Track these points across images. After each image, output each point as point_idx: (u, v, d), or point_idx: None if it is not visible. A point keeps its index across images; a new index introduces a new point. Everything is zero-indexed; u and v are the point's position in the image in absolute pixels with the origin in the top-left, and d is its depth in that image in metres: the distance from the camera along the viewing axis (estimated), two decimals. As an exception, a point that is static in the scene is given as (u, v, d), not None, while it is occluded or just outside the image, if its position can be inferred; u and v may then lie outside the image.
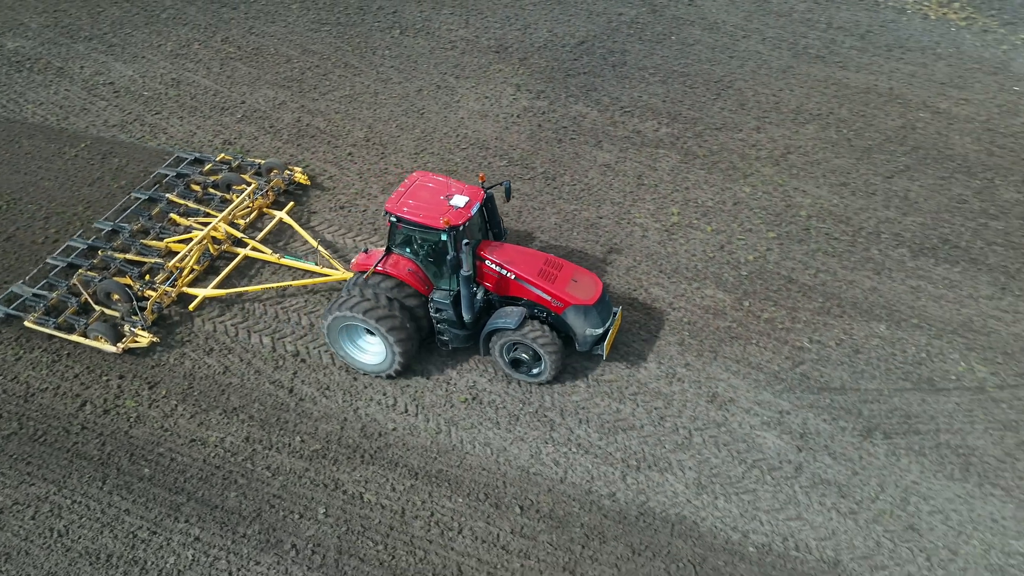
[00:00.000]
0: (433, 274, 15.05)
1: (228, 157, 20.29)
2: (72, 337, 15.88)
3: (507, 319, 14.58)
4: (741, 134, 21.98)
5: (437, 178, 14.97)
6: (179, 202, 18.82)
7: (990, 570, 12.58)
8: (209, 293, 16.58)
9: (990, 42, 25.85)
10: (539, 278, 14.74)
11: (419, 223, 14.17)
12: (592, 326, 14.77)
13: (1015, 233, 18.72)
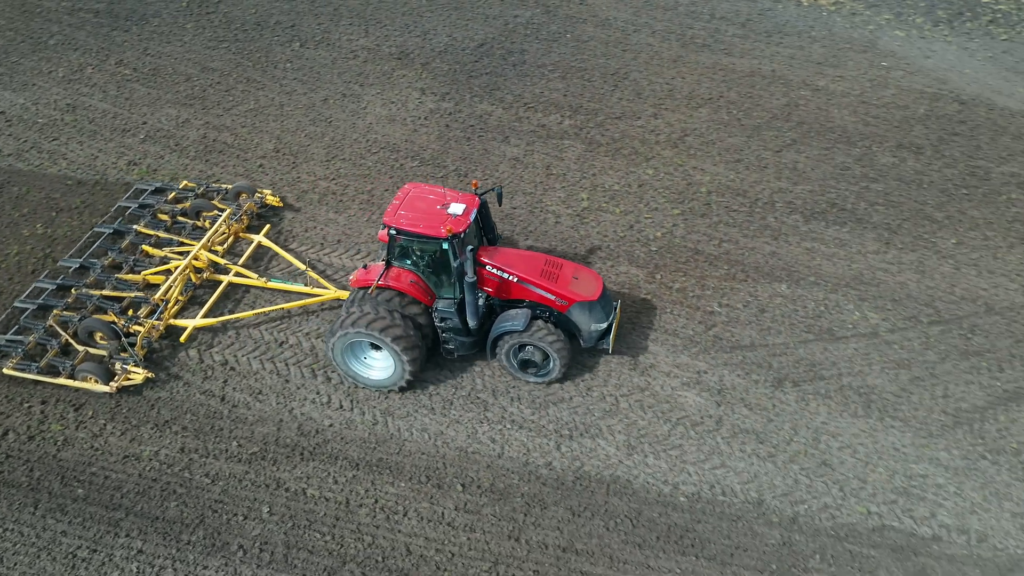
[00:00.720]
0: (434, 284, 15.03)
1: (192, 184, 19.76)
2: (59, 380, 15.11)
3: (514, 322, 14.75)
4: (640, 121, 23.07)
5: (430, 188, 15.01)
6: (149, 233, 18.17)
7: (895, 492, 13.74)
8: (199, 323, 16.13)
9: (858, 23, 27.86)
10: (542, 278, 14.98)
11: (420, 233, 14.17)
12: (596, 321, 15.11)
13: (893, 193, 20.32)
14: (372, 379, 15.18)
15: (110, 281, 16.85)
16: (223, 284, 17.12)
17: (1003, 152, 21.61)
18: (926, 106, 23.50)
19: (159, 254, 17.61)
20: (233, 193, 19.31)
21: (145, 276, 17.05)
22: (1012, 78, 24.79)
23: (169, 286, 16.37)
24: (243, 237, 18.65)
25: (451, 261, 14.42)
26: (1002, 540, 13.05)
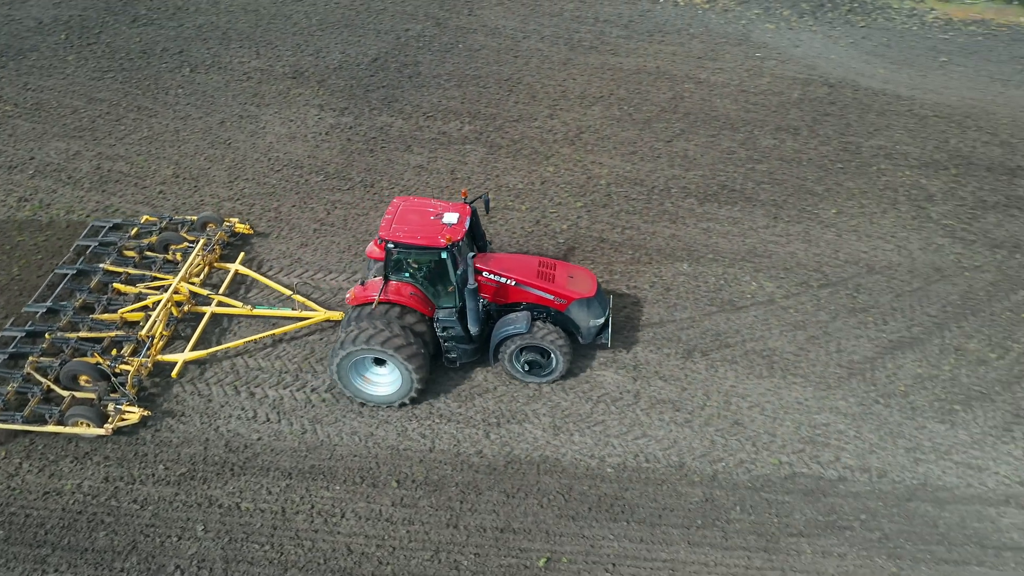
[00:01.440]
0: (433, 294, 15.10)
1: (153, 218, 19.23)
2: (48, 428, 14.43)
3: (516, 325, 14.99)
4: (537, 122, 23.88)
5: (419, 200, 15.16)
6: (118, 270, 17.62)
7: (802, 442, 14.77)
8: (188, 356, 15.76)
9: (731, 19, 29.59)
10: (540, 280, 15.29)
11: (419, 245, 14.26)
12: (595, 317, 15.48)
13: (776, 172, 21.74)
14: (379, 395, 15.13)
15: (85, 322, 16.27)
16: (206, 315, 16.75)
17: (870, 128, 23.42)
18: (799, 91, 25.21)
19: (133, 291, 17.05)
20: (200, 223, 18.90)
21: (122, 314, 16.44)
22: (872, 61, 26.86)
23: (153, 321, 15.91)
24: (218, 267, 18.27)
25: (450, 270, 14.62)
26: (899, 474, 14.22)
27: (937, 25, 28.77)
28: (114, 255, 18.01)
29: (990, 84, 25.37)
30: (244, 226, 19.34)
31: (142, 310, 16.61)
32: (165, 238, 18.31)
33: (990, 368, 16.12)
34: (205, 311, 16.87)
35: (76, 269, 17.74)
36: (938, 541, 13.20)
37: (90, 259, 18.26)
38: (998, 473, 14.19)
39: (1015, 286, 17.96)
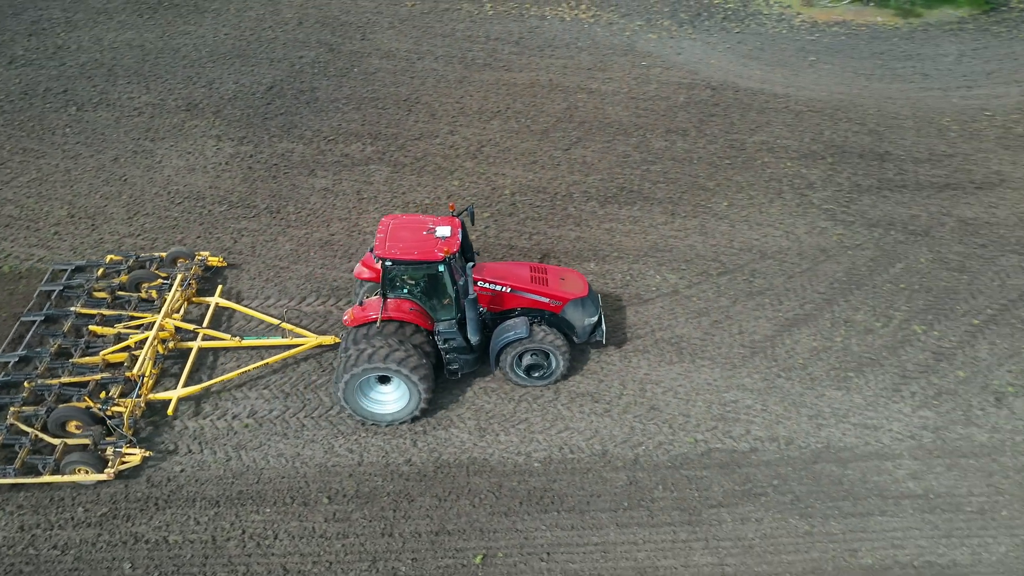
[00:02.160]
0: (431, 308, 15.32)
1: (118, 257, 18.78)
2: (44, 479, 13.93)
3: (516, 331, 15.27)
4: (438, 139, 24.34)
5: (408, 216, 15.43)
6: (91, 312, 17.09)
7: (715, 420, 15.59)
8: (182, 393, 15.43)
9: (616, 32, 30.91)
10: (534, 285, 15.72)
11: (416, 260, 14.49)
12: (589, 316, 15.95)
13: (670, 172, 22.84)
14: (387, 413, 15.15)
15: (66, 367, 15.81)
16: (194, 351, 16.43)
17: (752, 125, 24.90)
18: (684, 95, 26.56)
19: (111, 332, 16.62)
20: (169, 259, 18.54)
21: (104, 356, 15.99)
22: (749, 63, 28.56)
23: (142, 360, 15.49)
24: (197, 301, 17.88)
25: (448, 282, 14.88)
26: (804, 440, 15.19)
27: (804, 28, 30.83)
28: (84, 297, 17.51)
29: (855, 79, 27.36)
30: (217, 259, 19.05)
31: (124, 350, 16.18)
32: (136, 276, 17.92)
33: (876, 336, 17.40)
34: (191, 346, 16.58)
35: (44, 315, 17.17)
36: (844, 497, 14.17)
37: (57, 303, 17.68)
38: (891, 430, 15.34)
39: (892, 260, 19.44)
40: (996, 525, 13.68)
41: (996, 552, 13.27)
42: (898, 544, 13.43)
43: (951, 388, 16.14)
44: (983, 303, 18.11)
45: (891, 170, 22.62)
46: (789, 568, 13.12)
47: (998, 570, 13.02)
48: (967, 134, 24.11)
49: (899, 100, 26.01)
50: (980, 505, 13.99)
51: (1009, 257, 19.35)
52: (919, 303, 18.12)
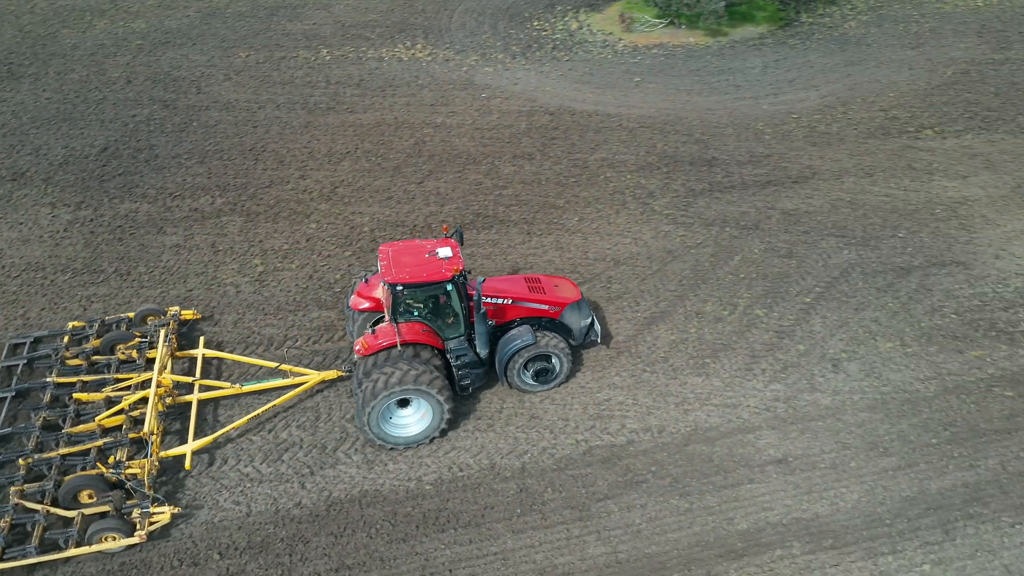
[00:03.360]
0: (440, 327, 15.75)
1: (80, 323, 18.15)
2: (69, 553, 13.31)
3: (522, 339, 15.95)
4: (290, 185, 24.28)
5: (404, 243, 16.02)
6: (70, 381, 16.52)
7: (592, 419, 16.41)
8: (196, 446, 15.18)
9: (453, 67, 31.97)
10: (533, 294, 16.49)
11: (426, 281, 14.98)
12: (584, 318, 16.85)
13: (521, 194, 23.85)
14: (411, 435, 15.42)
15: (60, 438, 15.22)
16: (194, 403, 16.13)
17: (591, 144, 26.43)
18: (525, 121, 27.83)
19: (100, 397, 16.12)
20: (139, 318, 18.07)
21: (100, 422, 15.51)
22: (581, 88, 30.30)
23: (150, 418, 15.13)
24: (180, 356, 17.48)
25: (456, 300, 15.45)
26: (674, 426, 16.28)
27: (627, 52, 33.08)
28: (58, 366, 16.91)
29: (678, 95, 29.64)
30: (190, 312, 18.69)
31: (119, 413, 15.73)
32: (111, 339, 17.38)
33: (725, 323, 18.90)
34: (190, 399, 16.28)
35: (14, 390, 16.54)
36: (715, 472, 15.30)
37: (25, 376, 17.04)
38: (749, 406, 16.72)
39: (730, 254, 21.18)
40: (848, 476, 15.19)
41: (850, 500, 14.73)
42: (767, 507, 14.64)
43: (795, 361, 17.78)
44: (812, 283, 20.07)
45: (719, 173, 24.66)
46: (675, 545, 14.00)
47: (853, 515, 14.45)
48: (779, 136, 26.68)
49: (718, 111, 28.41)
50: (832, 461, 15.48)
51: (828, 240, 21.56)
52: (758, 289, 19.84)
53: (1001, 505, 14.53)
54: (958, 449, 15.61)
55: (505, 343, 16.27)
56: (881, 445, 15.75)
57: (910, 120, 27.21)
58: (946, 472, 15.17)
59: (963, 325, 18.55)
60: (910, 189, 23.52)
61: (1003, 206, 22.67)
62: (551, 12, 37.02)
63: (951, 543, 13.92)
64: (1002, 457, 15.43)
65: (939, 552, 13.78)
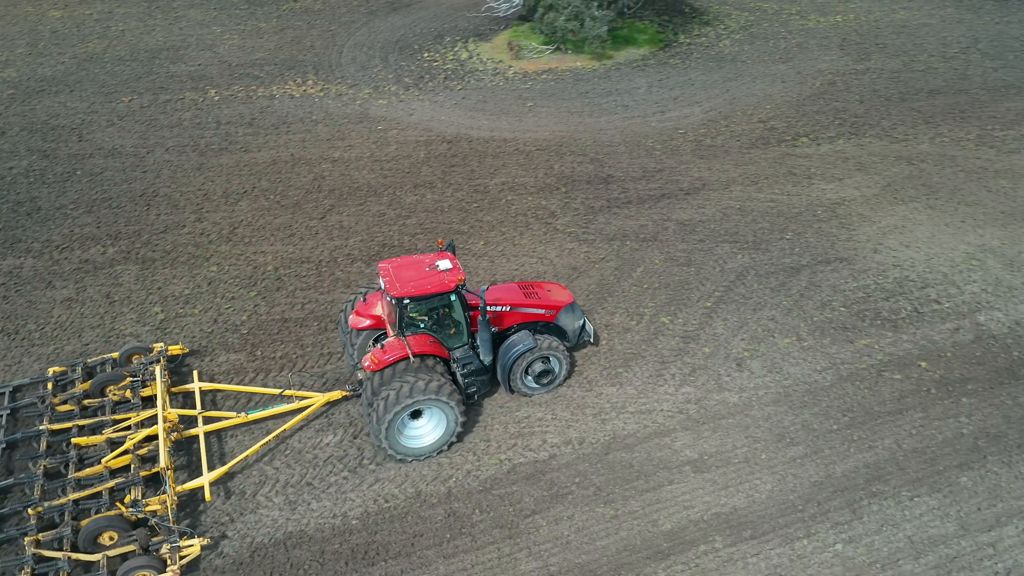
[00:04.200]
0: (444, 337, 16.26)
1: (61, 368, 17.62)
2: None
3: (523, 343, 16.47)
4: (186, 228, 23.63)
5: (402, 258, 16.37)
6: (64, 427, 16.20)
7: (513, 437, 16.54)
8: (212, 477, 15.12)
9: (347, 102, 31.95)
10: (530, 299, 17.09)
11: (432, 293, 15.41)
12: (577, 319, 17.62)
13: (425, 223, 23.98)
14: (427, 445, 15.74)
15: (69, 484, 14.88)
16: (200, 436, 16.05)
17: (490, 169, 26.89)
18: (424, 151, 28.07)
19: (100, 439, 15.93)
20: (124, 358, 17.72)
21: (107, 463, 15.22)
22: (476, 115, 30.82)
23: (163, 454, 15.06)
24: (176, 391, 17.35)
25: (459, 309, 16.03)
26: (594, 436, 16.63)
27: (517, 78, 33.88)
28: (48, 413, 16.50)
29: (570, 117, 30.55)
30: (176, 347, 18.41)
31: (125, 453, 15.49)
32: (100, 381, 17.03)
33: (634, 333, 19.49)
34: (196, 432, 16.18)
35: (4, 442, 16.14)
36: (636, 477, 15.71)
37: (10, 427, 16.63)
38: (663, 410, 17.27)
39: (632, 266, 21.90)
40: (760, 469, 15.88)
41: (764, 491, 15.41)
42: (688, 505, 15.13)
43: (702, 364, 18.50)
44: (711, 288, 20.97)
45: (615, 190, 25.51)
46: (605, 552, 14.28)
47: (768, 505, 15.12)
48: (669, 151, 27.85)
49: (609, 130, 29.43)
50: (744, 455, 16.16)
51: (722, 246, 22.59)
52: (661, 298, 20.58)
53: (900, 481, 15.50)
54: (857, 432, 16.57)
55: (507, 349, 16.74)
56: (788, 436, 16.55)
57: (787, 129, 28.93)
58: (848, 455, 16.07)
59: (851, 317, 19.77)
60: (792, 194, 24.96)
61: (876, 204, 24.35)
62: (440, 43, 37.57)
63: (859, 521, 14.74)
64: (896, 436, 16.48)
65: (849, 531, 14.57)
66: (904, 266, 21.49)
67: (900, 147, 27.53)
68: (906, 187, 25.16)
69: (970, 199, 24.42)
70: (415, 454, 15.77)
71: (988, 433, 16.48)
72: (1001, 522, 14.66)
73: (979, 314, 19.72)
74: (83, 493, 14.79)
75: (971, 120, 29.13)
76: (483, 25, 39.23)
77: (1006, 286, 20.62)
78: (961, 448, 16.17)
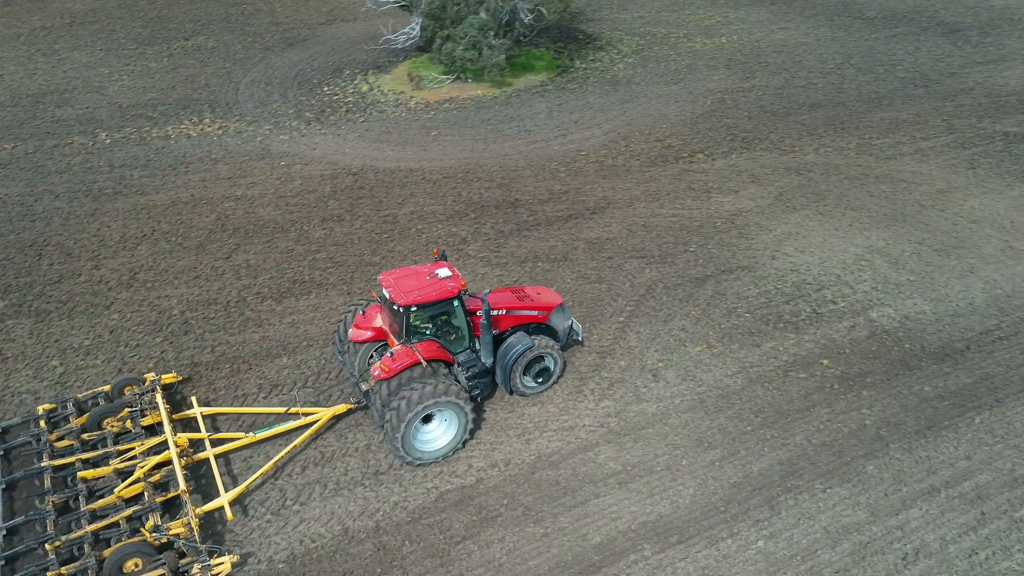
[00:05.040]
0: (448, 343, 16.87)
1: (50, 405, 17.33)
2: None
3: (521, 344, 17.15)
4: (82, 277, 22.65)
5: (401, 269, 16.85)
6: (67, 462, 15.99)
7: (439, 464, 16.49)
8: (231, 496, 15.28)
9: (247, 139, 31.40)
10: (523, 303, 17.70)
11: (438, 299, 16.00)
12: (566, 319, 18.44)
13: (335, 256, 23.73)
14: (441, 447, 16.30)
15: (83, 517, 14.81)
16: (211, 459, 16.12)
17: (398, 200, 26.88)
18: (330, 184, 27.83)
19: (108, 471, 15.76)
20: (117, 390, 17.44)
21: (120, 493, 15.20)
22: (381, 147, 30.80)
23: (181, 478, 15.23)
24: (177, 418, 17.18)
25: (461, 314, 16.64)
26: (519, 457, 16.73)
27: (420, 108, 34.08)
28: (47, 449, 16.29)
29: (474, 144, 30.91)
30: (169, 375, 18.27)
31: (136, 482, 15.42)
32: (97, 414, 16.77)
33: (551, 352, 19.76)
34: (207, 456, 16.21)
35: (4, 483, 15.82)
36: (564, 494, 15.88)
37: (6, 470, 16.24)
38: (585, 425, 17.54)
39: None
40: (681, 474, 16.31)
41: (687, 496, 15.82)
42: (616, 517, 15.39)
43: (619, 377, 18.91)
44: (623, 303, 21.50)
45: (524, 213, 25.91)
46: (537, 571, 14.35)
47: (692, 509, 15.53)
48: (573, 172, 28.51)
49: (514, 155, 29.92)
50: (666, 463, 16.57)
51: (631, 262, 23.23)
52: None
53: (812, 474, 16.20)
54: (770, 432, 17.25)
55: (505, 351, 17.35)
56: (705, 440, 17.07)
57: (683, 147, 30.09)
58: (763, 454, 16.70)
59: (756, 321, 20.63)
60: (693, 208, 25.94)
61: (771, 213, 25.57)
62: (339, 76, 37.46)
63: (777, 517, 15.31)
64: (806, 432, 17.24)
65: (769, 527, 15.11)
66: (801, 270, 22.60)
67: (788, 158, 29.04)
68: (797, 196, 26.53)
69: (855, 204, 25.95)
70: (430, 458, 16.25)
71: (888, 422, 17.43)
72: (907, 505, 15.50)
73: (872, 311, 20.91)
74: (100, 524, 14.74)
75: (850, 130, 31.01)
76: (381, 57, 39.36)
77: (893, 283, 21.95)
78: (865, 438, 17.04)
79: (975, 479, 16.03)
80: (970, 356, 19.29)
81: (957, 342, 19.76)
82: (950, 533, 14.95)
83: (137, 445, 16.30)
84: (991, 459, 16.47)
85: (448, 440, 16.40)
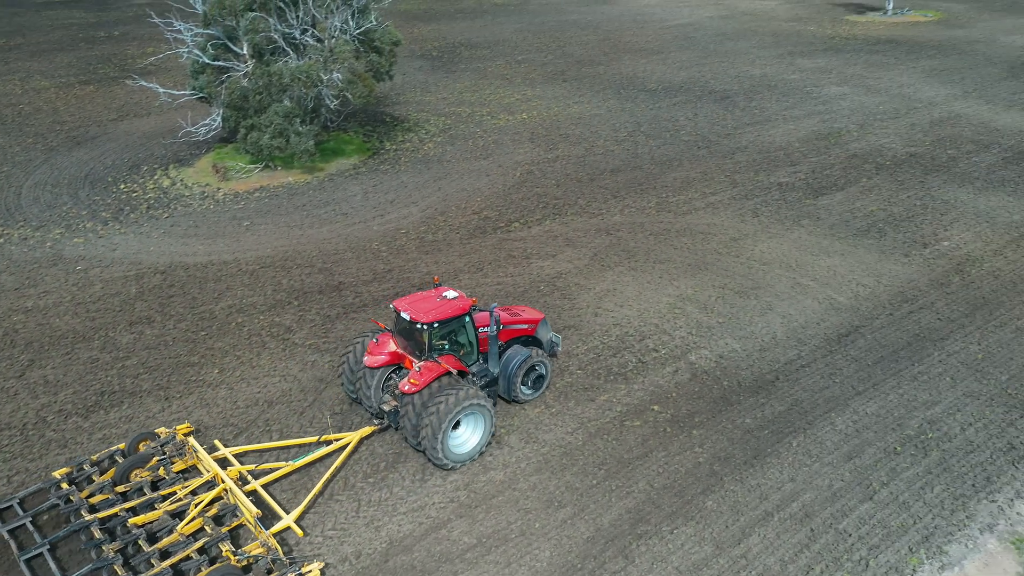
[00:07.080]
0: (461, 356, 18.42)
1: (66, 469, 17.22)
2: None
3: (520, 354, 19.19)
4: None
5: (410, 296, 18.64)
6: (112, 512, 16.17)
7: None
8: (295, 515, 16.22)
9: (34, 245, 28.85)
10: (515, 318, 19.52)
11: (454, 316, 17.86)
12: (548, 332, 20.42)
13: (148, 361, 22.03)
14: (472, 448, 17.92)
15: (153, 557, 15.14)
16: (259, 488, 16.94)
17: (214, 294, 25.60)
18: (136, 286, 26.05)
19: (157, 515, 16.18)
20: (132, 445, 17.72)
21: (180, 531, 15.64)
22: (189, 241, 29.34)
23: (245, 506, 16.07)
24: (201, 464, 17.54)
25: (472, 329, 18.50)
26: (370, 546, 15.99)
27: (228, 199, 32.94)
28: (84, 506, 16.31)
29: (290, 231, 30.22)
30: (183, 425, 18.70)
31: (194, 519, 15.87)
32: (125, 467, 17.13)
33: (391, 433, 19.27)
34: (253, 488, 16.95)
35: (48, 543, 15.75)
36: (421, 577, 15.36)
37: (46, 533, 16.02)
38: (435, 503, 17.15)
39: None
40: (536, 537, 16.28)
41: (544, 559, 15.78)
42: (477, 592, 15.03)
43: (463, 449, 18.74)
44: (458, 374, 21.49)
45: (349, 296, 25.50)
46: (403, 664, 13.63)
47: (551, 571, 15.49)
48: (394, 251, 28.54)
49: (333, 239, 29.54)
50: (519, 529, 16.50)
51: (461, 333, 23.35)
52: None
53: (659, 517, 16.74)
54: (614, 482, 17.71)
55: (507, 361, 19.21)
56: (555, 500, 17.22)
57: (499, 217, 31.09)
58: (611, 505, 17.07)
59: (588, 377, 21.33)
60: (515, 274, 26.71)
61: (588, 273, 26.83)
62: (137, 173, 35.64)
63: (632, 565, 15.61)
64: (648, 477, 17.86)
65: (626, 576, 15.36)
66: (622, 324, 23.76)
67: (598, 220, 30.77)
68: (609, 254, 28.07)
69: (662, 257, 27.84)
70: (464, 459, 17.79)
71: (719, 457, 18.46)
72: (746, 534, 16.34)
73: (690, 354, 22.28)
74: (175, 559, 15.05)
75: (648, 191, 33.47)
76: (182, 150, 37.92)
77: (705, 327, 23.59)
78: (701, 475, 17.90)
79: (801, 499, 17.23)
80: (780, 386, 20.96)
81: (767, 374, 21.44)
82: (787, 554, 15.88)
83: (179, 488, 16.97)
84: (811, 478, 17.81)
85: (476, 440, 17.90)
